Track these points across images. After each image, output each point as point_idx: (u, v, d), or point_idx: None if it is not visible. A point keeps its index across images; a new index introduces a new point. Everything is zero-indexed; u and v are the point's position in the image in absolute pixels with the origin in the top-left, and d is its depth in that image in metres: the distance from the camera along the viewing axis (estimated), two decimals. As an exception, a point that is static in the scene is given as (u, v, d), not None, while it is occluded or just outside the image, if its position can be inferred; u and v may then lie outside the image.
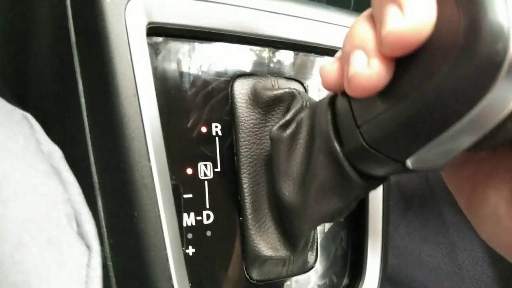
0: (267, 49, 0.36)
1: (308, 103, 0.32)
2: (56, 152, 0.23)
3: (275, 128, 0.31)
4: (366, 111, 0.23)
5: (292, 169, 0.30)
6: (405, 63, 0.20)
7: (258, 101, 0.34)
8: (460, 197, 0.28)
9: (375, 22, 0.22)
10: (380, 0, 0.21)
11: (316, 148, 0.28)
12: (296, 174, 0.30)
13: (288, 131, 0.30)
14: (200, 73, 0.33)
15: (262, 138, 0.34)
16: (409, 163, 0.22)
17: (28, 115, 0.23)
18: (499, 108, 0.18)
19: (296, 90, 0.33)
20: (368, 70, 0.21)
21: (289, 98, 0.33)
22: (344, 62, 0.24)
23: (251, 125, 0.34)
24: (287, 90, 0.33)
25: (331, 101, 0.27)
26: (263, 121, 0.34)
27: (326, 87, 0.27)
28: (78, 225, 0.21)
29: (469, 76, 0.17)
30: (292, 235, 0.33)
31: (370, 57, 0.21)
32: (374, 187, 0.27)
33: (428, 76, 0.19)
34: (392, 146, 0.22)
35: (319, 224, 0.35)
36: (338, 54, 0.25)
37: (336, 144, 0.26)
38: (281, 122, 0.31)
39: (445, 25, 0.19)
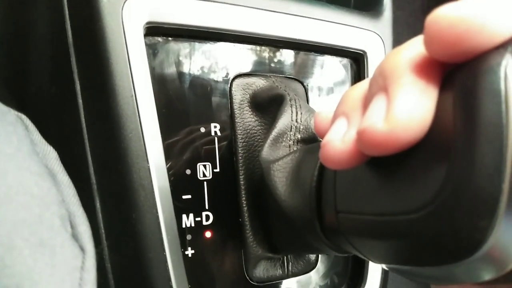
0: (265, 48, 0.36)
1: (296, 107, 0.32)
2: (51, 153, 0.23)
3: (263, 152, 0.30)
4: (349, 199, 0.21)
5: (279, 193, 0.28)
6: (395, 164, 0.17)
7: (256, 101, 0.33)
8: None
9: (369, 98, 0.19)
10: (376, 79, 0.18)
11: (298, 201, 0.26)
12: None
13: (277, 165, 0.29)
14: (198, 73, 0.32)
15: (260, 139, 0.34)
16: (385, 267, 0.20)
17: (23, 116, 0.23)
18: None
19: (286, 92, 0.33)
20: (341, 145, 0.18)
21: (281, 100, 0.33)
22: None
23: (250, 125, 0.34)
24: (279, 92, 0.33)
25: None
26: (262, 123, 0.34)
27: (318, 135, 0.25)
28: (72, 227, 0.20)
29: (449, 231, 0.15)
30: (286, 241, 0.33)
31: (349, 130, 0.19)
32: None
33: (409, 205, 0.16)
34: (369, 250, 0.20)
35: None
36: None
37: (316, 218, 0.24)
38: (267, 143, 0.30)
39: (435, 135, 0.16)
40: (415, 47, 0.17)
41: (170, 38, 0.31)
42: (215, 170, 0.33)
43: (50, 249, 0.18)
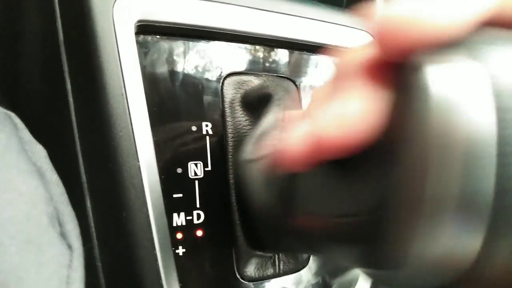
0: (257, 47, 0.36)
1: (282, 107, 0.32)
2: (40, 152, 0.23)
3: (245, 151, 0.30)
4: (309, 200, 0.21)
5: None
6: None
7: (246, 100, 0.33)
8: None
9: None
10: (331, 81, 0.18)
11: (271, 201, 0.26)
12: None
13: (255, 164, 0.29)
14: (190, 72, 0.32)
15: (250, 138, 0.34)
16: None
17: (12, 114, 0.23)
18: None
19: (275, 91, 0.33)
20: (291, 148, 0.18)
21: (269, 99, 0.33)
22: None
23: (240, 124, 0.34)
24: (268, 91, 0.33)
25: None
26: (252, 122, 0.34)
27: None
28: (60, 225, 0.20)
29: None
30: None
31: (302, 134, 0.18)
32: None
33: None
34: (328, 252, 0.21)
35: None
36: None
37: (286, 219, 0.24)
38: (250, 142, 0.30)
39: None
40: (367, 48, 0.17)
41: (161, 37, 0.31)
42: (206, 169, 0.33)
43: (37, 247, 0.18)
